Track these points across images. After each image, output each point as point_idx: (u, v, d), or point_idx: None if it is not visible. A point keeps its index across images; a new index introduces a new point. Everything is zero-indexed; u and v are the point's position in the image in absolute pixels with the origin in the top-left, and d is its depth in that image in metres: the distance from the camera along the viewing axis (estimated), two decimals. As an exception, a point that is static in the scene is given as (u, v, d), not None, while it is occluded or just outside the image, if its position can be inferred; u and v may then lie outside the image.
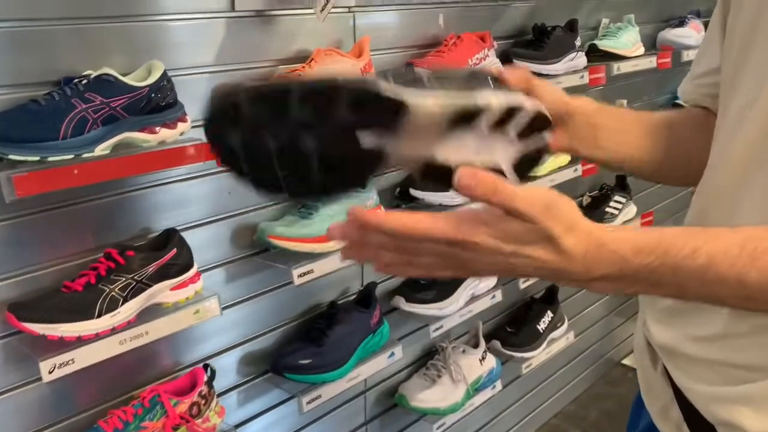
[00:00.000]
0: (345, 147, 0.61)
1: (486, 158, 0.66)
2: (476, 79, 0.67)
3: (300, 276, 1.45)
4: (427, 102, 0.61)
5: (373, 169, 0.65)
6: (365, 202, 1.61)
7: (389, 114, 0.60)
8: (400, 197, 1.78)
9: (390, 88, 0.60)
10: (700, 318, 0.76)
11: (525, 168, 0.70)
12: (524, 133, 0.67)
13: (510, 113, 0.65)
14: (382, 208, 1.67)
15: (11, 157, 1.02)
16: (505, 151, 0.67)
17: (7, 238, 1.16)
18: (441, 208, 1.76)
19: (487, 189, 0.57)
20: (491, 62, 1.79)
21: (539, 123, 0.68)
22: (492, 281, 1.99)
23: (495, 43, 1.85)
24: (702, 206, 0.79)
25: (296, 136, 0.60)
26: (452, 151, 0.65)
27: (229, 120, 0.61)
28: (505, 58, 1.88)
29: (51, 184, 1.04)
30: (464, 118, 0.63)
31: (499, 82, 0.68)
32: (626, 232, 0.62)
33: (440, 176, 0.65)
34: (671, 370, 0.81)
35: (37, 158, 1.03)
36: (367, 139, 0.61)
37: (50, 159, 1.04)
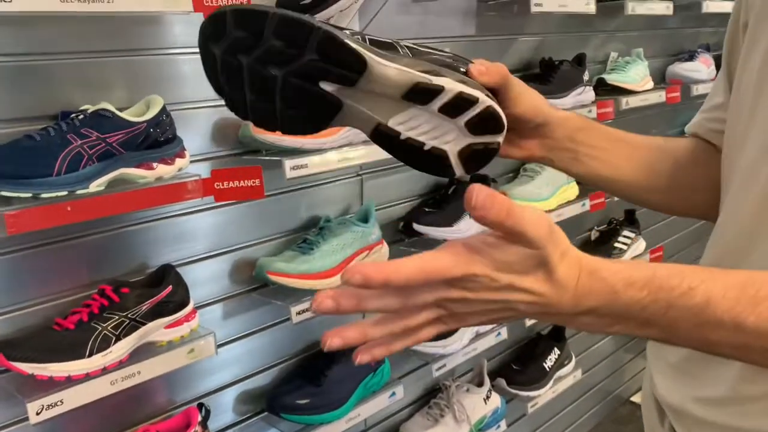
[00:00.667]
0: (306, 85, 0.66)
1: (434, 139, 0.69)
2: (451, 63, 0.70)
3: (299, 313, 1.41)
4: (387, 68, 0.65)
5: (331, 116, 0.68)
6: (368, 237, 1.58)
7: (350, 67, 0.64)
8: (403, 232, 1.75)
9: (357, 45, 0.64)
10: (708, 378, 0.72)
11: (472, 162, 0.71)
12: (475, 127, 0.69)
13: (462, 102, 0.67)
14: (385, 243, 1.64)
15: (3, 193, 1.00)
16: (454, 139, 0.69)
17: (-1, 274, 1.14)
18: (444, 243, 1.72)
19: (501, 211, 0.53)
20: (497, 97, 1.77)
21: (491, 121, 0.69)
22: (497, 318, 1.94)
23: (501, 77, 1.83)
24: (714, 260, 0.75)
25: (265, 61, 0.65)
26: (405, 121, 0.69)
27: (214, 33, 0.67)
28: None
29: (43, 222, 1.01)
30: (418, 94, 0.66)
31: (469, 72, 0.70)
32: (619, 264, 0.58)
33: (389, 141, 0.69)
34: (678, 429, 0.77)
35: (30, 195, 1.01)
36: (327, 85, 0.66)
37: (43, 196, 1.02)
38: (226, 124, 1.38)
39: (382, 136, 0.69)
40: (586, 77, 2.06)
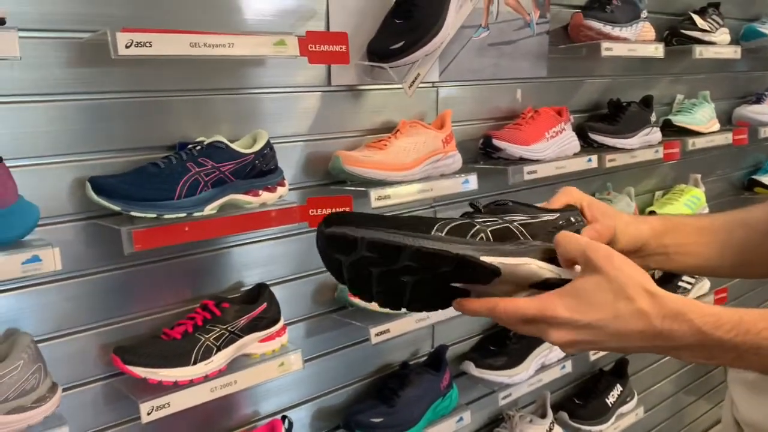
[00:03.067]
0: (438, 286, 0.70)
1: None
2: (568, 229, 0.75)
3: (377, 335, 1.50)
4: (518, 268, 0.69)
5: (455, 299, 0.73)
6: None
7: (484, 278, 0.69)
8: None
9: (490, 257, 0.68)
10: None
11: None
12: None
13: None
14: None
15: (132, 213, 1.14)
16: None
17: (116, 287, 1.26)
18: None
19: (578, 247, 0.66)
20: (568, 136, 1.85)
21: None
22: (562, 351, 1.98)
23: (571, 117, 1.91)
24: None
25: (397, 274, 0.68)
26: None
27: (341, 248, 0.69)
28: (581, 131, 1.94)
29: (165, 240, 1.14)
30: (546, 286, 0.70)
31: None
32: (704, 306, 0.66)
33: None
34: None
35: (155, 215, 1.14)
36: (459, 285, 0.71)
37: (166, 216, 1.15)
38: (318, 157, 1.50)
39: None
40: (653, 118, 2.12)
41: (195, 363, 1.23)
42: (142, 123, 1.25)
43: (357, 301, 1.51)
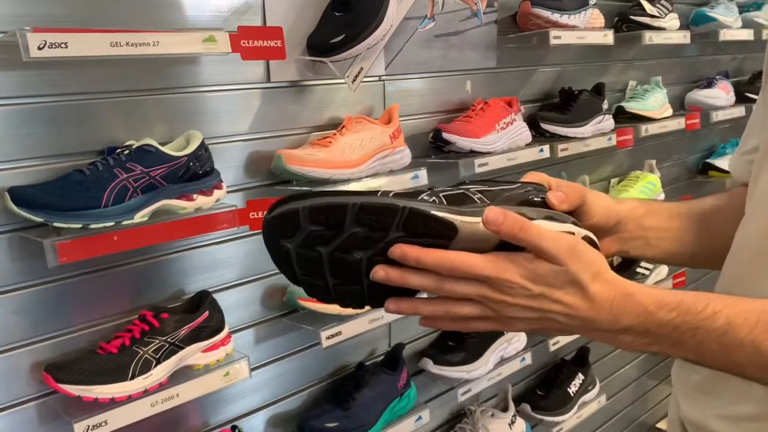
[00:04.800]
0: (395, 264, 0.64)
1: None
2: (529, 198, 0.69)
3: (328, 338, 1.46)
4: (478, 225, 0.63)
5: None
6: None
7: (440, 235, 0.63)
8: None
9: (442, 212, 0.63)
10: (733, 396, 0.75)
11: None
12: None
13: None
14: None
15: (56, 224, 1.07)
16: None
17: (46, 301, 1.20)
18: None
19: (514, 226, 0.61)
20: (519, 127, 1.83)
21: None
22: (521, 343, 1.97)
23: (522, 107, 1.89)
24: (725, 286, 0.79)
25: (348, 248, 0.63)
26: None
27: (284, 229, 0.64)
28: (532, 121, 1.92)
29: (92, 251, 1.08)
30: (511, 243, 0.64)
31: (549, 203, 0.70)
32: (653, 288, 0.65)
33: None
34: None
35: (80, 226, 1.08)
36: None
37: (92, 226, 1.09)
38: (259, 157, 1.45)
39: None
40: (605, 106, 2.11)
41: (133, 377, 1.18)
42: (67, 128, 1.18)
43: (307, 303, 1.47)
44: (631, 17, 2.18)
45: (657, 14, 2.22)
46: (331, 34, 1.38)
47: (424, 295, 0.68)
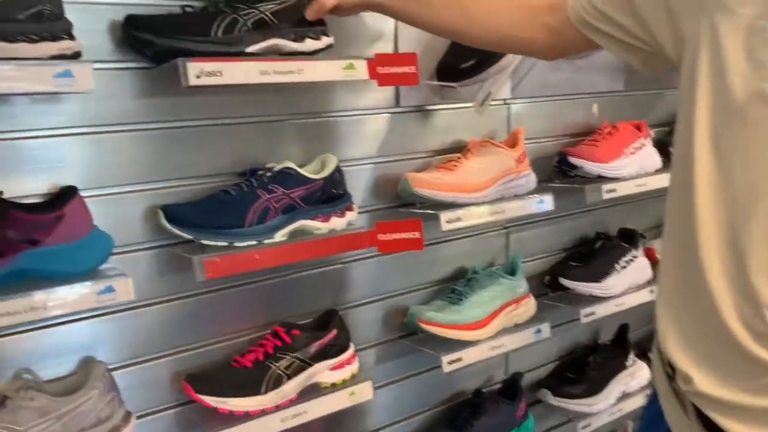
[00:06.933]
0: None
1: None
2: None
3: (449, 363, 1.45)
4: None
5: None
6: (516, 290, 1.60)
7: None
8: (549, 285, 1.75)
9: None
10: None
11: None
12: None
13: None
14: (532, 296, 1.64)
15: (203, 241, 1.13)
16: None
17: (187, 313, 1.26)
18: (591, 298, 1.71)
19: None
20: (648, 152, 1.76)
21: None
22: (644, 379, 1.87)
23: (651, 131, 1.81)
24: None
25: None
26: None
27: None
28: (661, 146, 1.83)
29: (236, 268, 1.13)
30: None
31: None
32: None
33: None
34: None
35: (226, 244, 1.13)
36: None
37: (236, 244, 1.14)
38: (386, 179, 1.47)
39: None
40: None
41: (266, 392, 1.21)
42: (214, 150, 1.25)
43: (427, 326, 1.46)
44: None
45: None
46: (462, 60, 1.39)
47: None
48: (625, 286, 1.76)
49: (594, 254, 1.77)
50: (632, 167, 1.70)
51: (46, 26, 0.94)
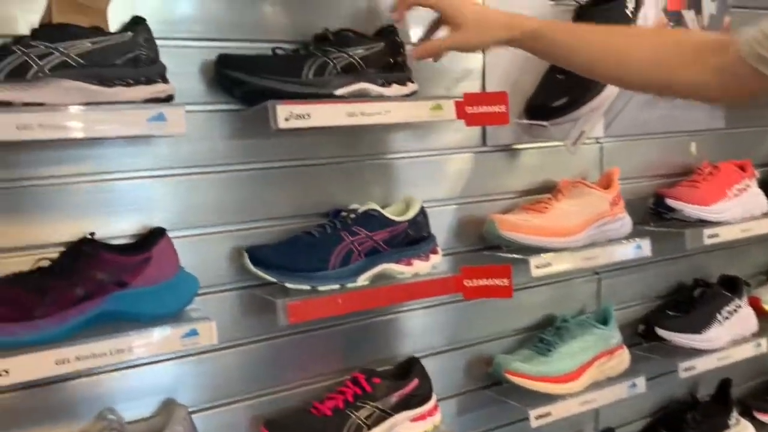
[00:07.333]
0: None
1: None
2: None
3: (537, 418, 1.36)
4: None
5: None
6: (609, 341, 1.50)
7: None
8: (643, 335, 1.64)
9: None
10: None
11: None
12: None
13: None
14: (626, 348, 1.54)
15: (287, 284, 1.11)
16: None
17: (266, 357, 1.24)
18: (690, 351, 1.59)
19: None
20: (753, 193, 1.63)
21: None
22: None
23: (756, 171, 1.69)
24: None
25: None
26: None
27: None
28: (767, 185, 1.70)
29: (319, 313, 1.10)
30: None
31: None
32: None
33: None
34: None
35: (309, 287, 1.10)
36: None
37: (320, 288, 1.11)
38: (470, 221, 1.42)
39: None
40: None
41: (352, 443, 1.17)
42: (298, 191, 1.24)
43: (514, 377, 1.38)
44: None
45: None
46: (553, 98, 1.33)
47: None
48: (727, 339, 1.63)
49: (693, 303, 1.65)
50: (736, 210, 1.58)
51: (142, 70, 0.96)
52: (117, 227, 1.09)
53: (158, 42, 1.00)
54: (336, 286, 1.12)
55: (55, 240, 1.04)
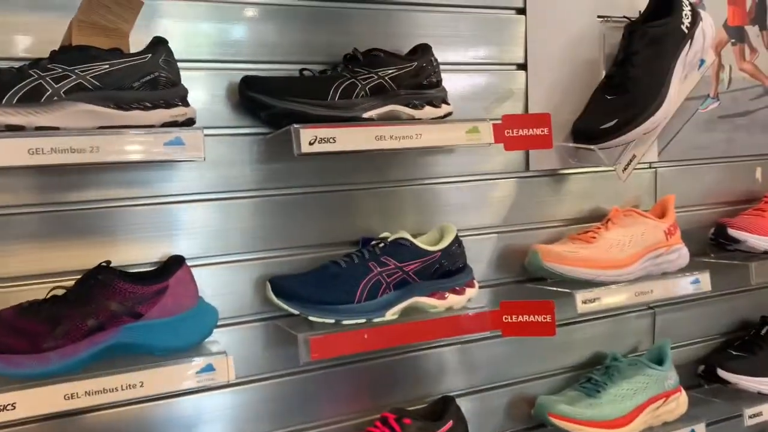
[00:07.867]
0: None
1: None
2: None
3: (583, 466, 1.25)
4: None
5: None
6: (664, 382, 1.38)
7: None
8: (703, 377, 1.51)
9: None
10: None
11: None
12: None
13: None
14: (683, 390, 1.41)
15: (311, 318, 1.05)
16: None
17: (290, 393, 1.17)
18: (757, 396, 1.45)
19: None
20: (828, 224, 1.48)
21: None
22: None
23: (831, 200, 1.54)
24: None
25: None
26: None
27: None
28: None
29: (343, 349, 1.04)
30: None
31: None
32: None
33: None
34: None
35: (333, 321, 1.04)
36: None
37: (344, 322, 1.04)
38: (511, 251, 1.33)
39: None
40: None
41: (374, 489, 1.09)
42: (325, 218, 1.18)
43: (557, 420, 1.28)
44: None
45: None
46: (602, 119, 1.24)
47: None
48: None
49: (760, 342, 1.52)
50: (808, 242, 1.44)
51: (161, 93, 0.92)
52: (139, 254, 1.06)
53: (182, 64, 0.97)
54: (362, 321, 1.05)
55: (75, 267, 1.01)
